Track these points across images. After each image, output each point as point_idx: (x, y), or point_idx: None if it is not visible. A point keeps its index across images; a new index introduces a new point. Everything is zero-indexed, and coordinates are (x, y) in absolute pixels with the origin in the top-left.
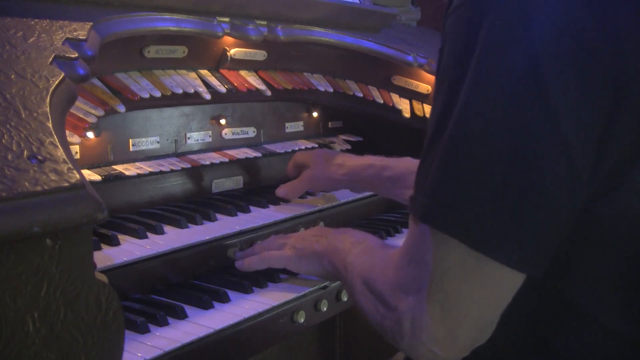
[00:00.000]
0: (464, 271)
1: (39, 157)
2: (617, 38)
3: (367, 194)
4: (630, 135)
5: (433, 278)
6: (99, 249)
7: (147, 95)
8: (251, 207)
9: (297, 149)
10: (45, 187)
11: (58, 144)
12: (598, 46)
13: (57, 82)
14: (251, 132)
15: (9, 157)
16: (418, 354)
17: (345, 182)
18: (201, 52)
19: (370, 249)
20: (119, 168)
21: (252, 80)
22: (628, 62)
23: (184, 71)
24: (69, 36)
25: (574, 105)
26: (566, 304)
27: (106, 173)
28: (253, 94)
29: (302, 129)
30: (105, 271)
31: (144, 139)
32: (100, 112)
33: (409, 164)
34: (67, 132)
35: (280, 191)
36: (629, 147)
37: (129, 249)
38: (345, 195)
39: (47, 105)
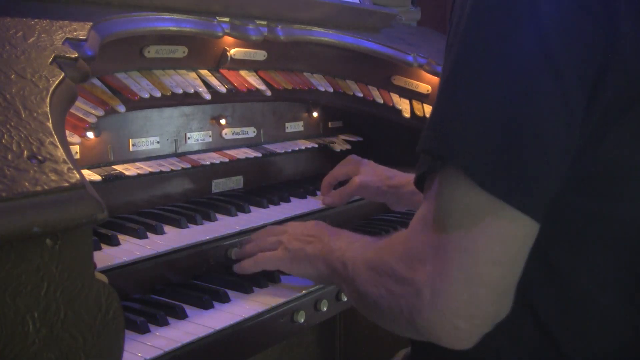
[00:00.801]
0: (482, 224)
1: (39, 157)
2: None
3: None
4: (618, 87)
5: (450, 238)
6: (99, 249)
7: (147, 95)
8: (251, 207)
9: (297, 149)
10: (45, 187)
11: (58, 144)
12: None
13: (57, 82)
14: (251, 132)
15: (9, 157)
16: (439, 331)
17: (390, 195)
18: (201, 52)
19: (370, 242)
20: (119, 168)
21: (252, 80)
22: (619, 23)
23: (184, 71)
24: (69, 36)
25: (571, 50)
26: (548, 266)
27: (106, 173)
28: (253, 94)
29: (302, 129)
30: (105, 271)
31: (144, 139)
32: (100, 112)
33: None
34: (67, 132)
35: (327, 200)
36: (616, 98)
37: (129, 249)
38: None
39: (47, 105)
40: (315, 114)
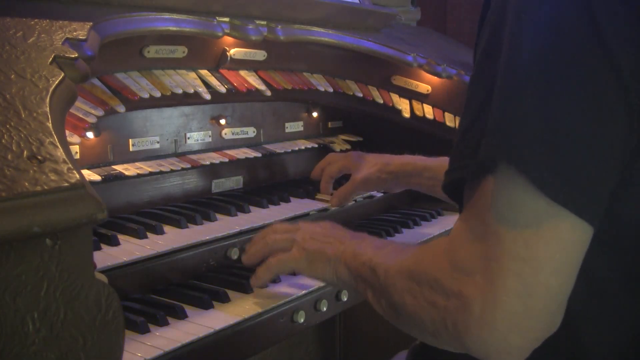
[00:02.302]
0: (541, 230)
1: (39, 157)
2: None
3: (367, 194)
4: None
5: (505, 247)
6: (99, 249)
7: (147, 95)
8: (251, 207)
9: (297, 149)
10: (45, 187)
11: (58, 144)
12: None
13: (57, 82)
14: (251, 132)
15: (9, 157)
16: (489, 347)
17: (389, 181)
18: (201, 52)
19: (401, 249)
20: (119, 168)
21: (252, 80)
22: None
23: (183, 71)
24: (69, 36)
25: (625, 44)
26: None
27: (106, 173)
28: (253, 94)
29: (302, 129)
30: (105, 271)
31: (144, 139)
32: (100, 112)
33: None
34: (67, 132)
35: (335, 201)
36: None
37: (129, 249)
38: None
39: (47, 105)
40: (315, 114)
